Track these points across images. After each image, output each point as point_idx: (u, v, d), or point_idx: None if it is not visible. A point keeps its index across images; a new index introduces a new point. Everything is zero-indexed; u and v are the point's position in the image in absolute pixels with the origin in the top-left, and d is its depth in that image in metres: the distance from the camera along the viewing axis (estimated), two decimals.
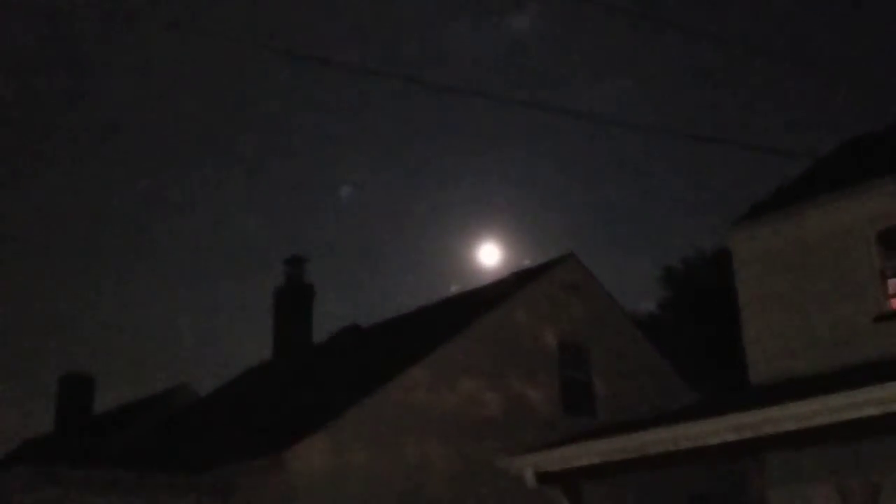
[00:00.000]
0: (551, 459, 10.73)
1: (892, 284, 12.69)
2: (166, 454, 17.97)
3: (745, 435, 9.02)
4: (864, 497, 8.93)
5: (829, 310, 12.79)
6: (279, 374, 20.71)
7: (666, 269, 31.62)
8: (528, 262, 24.07)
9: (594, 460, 10.31)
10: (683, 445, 9.42)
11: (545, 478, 10.77)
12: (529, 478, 10.75)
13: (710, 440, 9.28)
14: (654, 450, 9.69)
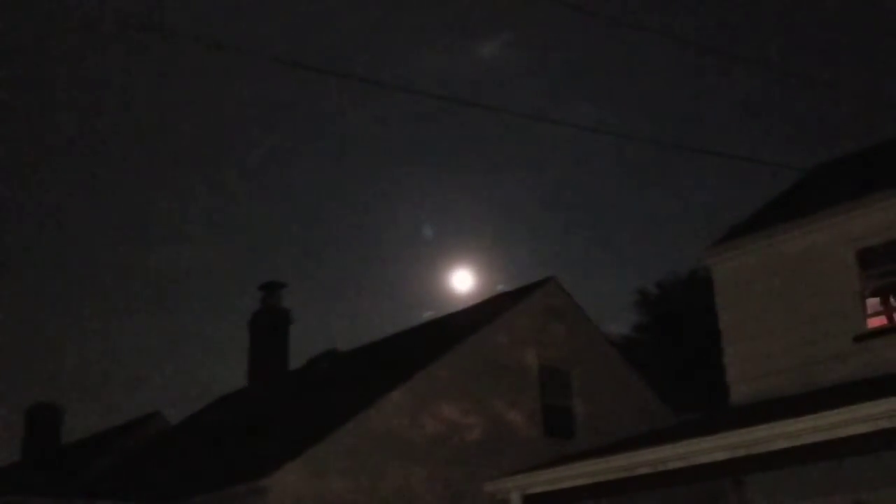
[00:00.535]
0: (538, 482, 10.65)
1: (872, 304, 12.78)
2: (140, 483, 17.69)
3: (736, 454, 8.99)
4: None
5: (808, 330, 12.84)
6: (255, 400, 20.46)
7: (640, 292, 31.76)
8: (501, 288, 24.10)
9: (581, 482, 10.24)
10: (672, 465, 9.38)
11: (532, 500, 10.68)
12: (516, 500, 10.65)
13: (699, 459, 9.25)
14: (643, 470, 9.64)
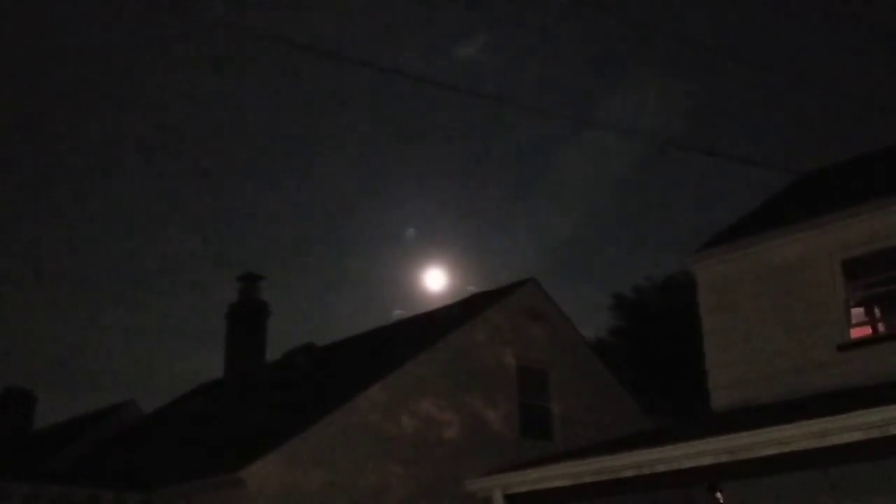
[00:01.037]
0: (521, 481, 10.61)
1: (856, 314, 12.85)
2: (115, 470, 17.52)
3: (720, 459, 9.00)
4: None
5: (792, 338, 12.87)
6: (231, 391, 20.31)
7: (616, 296, 31.85)
8: (472, 288, 24.13)
9: (565, 482, 10.21)
10: (659, 469, 9.37)
11: (514, 500, 10.64)
12: (498, 499, 10.61)
13: (685, 464, 9.25)
14: (628, 473, 9.63)
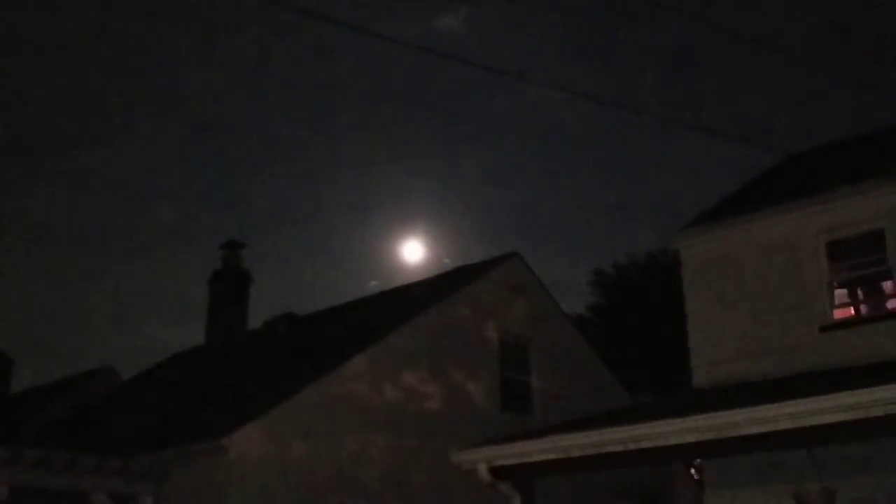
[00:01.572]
0: (505, 454, 10.67)
1: (839, 295, 12.95)
2: (94, 436, 17.46)
3: (706, 436, 9.08)
4: (820, 502, 9.06)
5: (775, 318, 12.93)
6: (211, 359, 20.30)
7: (596, 272, 31.96)
8: (448, 262, 24.23)
9: (549, 456, 10.28)
10: (644, 445, 9.45)
11: (498, 472, 10.70)
12: (483, 472, 10.66)
13: (670, 440, 9.33)
14: (613, 448, 9.70)
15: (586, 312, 31.61)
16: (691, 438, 9.23)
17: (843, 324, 12.48)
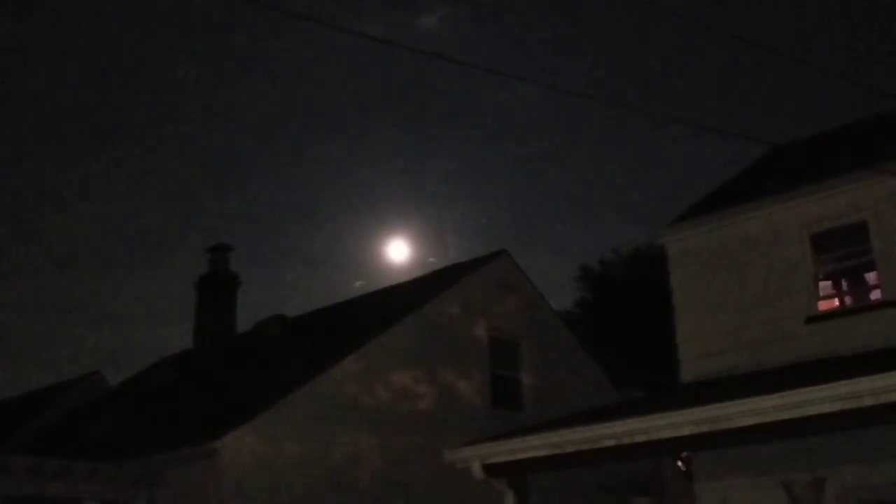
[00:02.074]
0: (499, 451, 10.73)
1: (824, 287, 13.07)
2: (84, 441, 17.43)
3: (701, 429, 9.16)
4: (810, 491, 9.17)
5: (761, 310, 13.03)
6: (200, 362, 20.27)
7: (582, 268, 32.09)
8: (433, 261, 24.31)
9: (542, 453, 10.34)
10: (638, 439, 9.52)
11: (492, 469, 10.76)
12: (476, 469, 10.72)
13: (664, 434, 9.41)
14: (607, 443, 9.77)
15: (573, 308, 31.74)
16: (686, 431, 9.29)
17: (829, 315, 12.59)
